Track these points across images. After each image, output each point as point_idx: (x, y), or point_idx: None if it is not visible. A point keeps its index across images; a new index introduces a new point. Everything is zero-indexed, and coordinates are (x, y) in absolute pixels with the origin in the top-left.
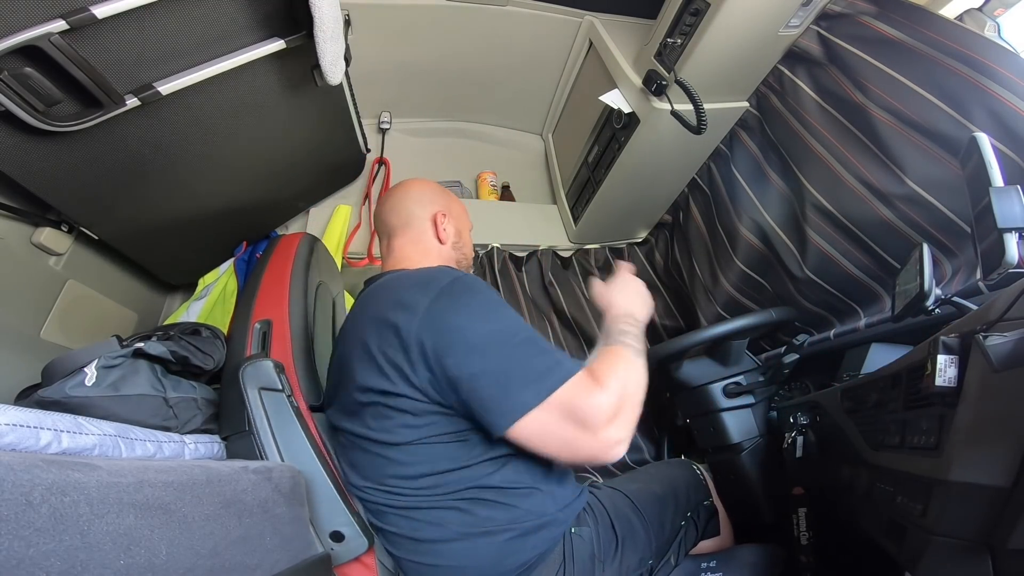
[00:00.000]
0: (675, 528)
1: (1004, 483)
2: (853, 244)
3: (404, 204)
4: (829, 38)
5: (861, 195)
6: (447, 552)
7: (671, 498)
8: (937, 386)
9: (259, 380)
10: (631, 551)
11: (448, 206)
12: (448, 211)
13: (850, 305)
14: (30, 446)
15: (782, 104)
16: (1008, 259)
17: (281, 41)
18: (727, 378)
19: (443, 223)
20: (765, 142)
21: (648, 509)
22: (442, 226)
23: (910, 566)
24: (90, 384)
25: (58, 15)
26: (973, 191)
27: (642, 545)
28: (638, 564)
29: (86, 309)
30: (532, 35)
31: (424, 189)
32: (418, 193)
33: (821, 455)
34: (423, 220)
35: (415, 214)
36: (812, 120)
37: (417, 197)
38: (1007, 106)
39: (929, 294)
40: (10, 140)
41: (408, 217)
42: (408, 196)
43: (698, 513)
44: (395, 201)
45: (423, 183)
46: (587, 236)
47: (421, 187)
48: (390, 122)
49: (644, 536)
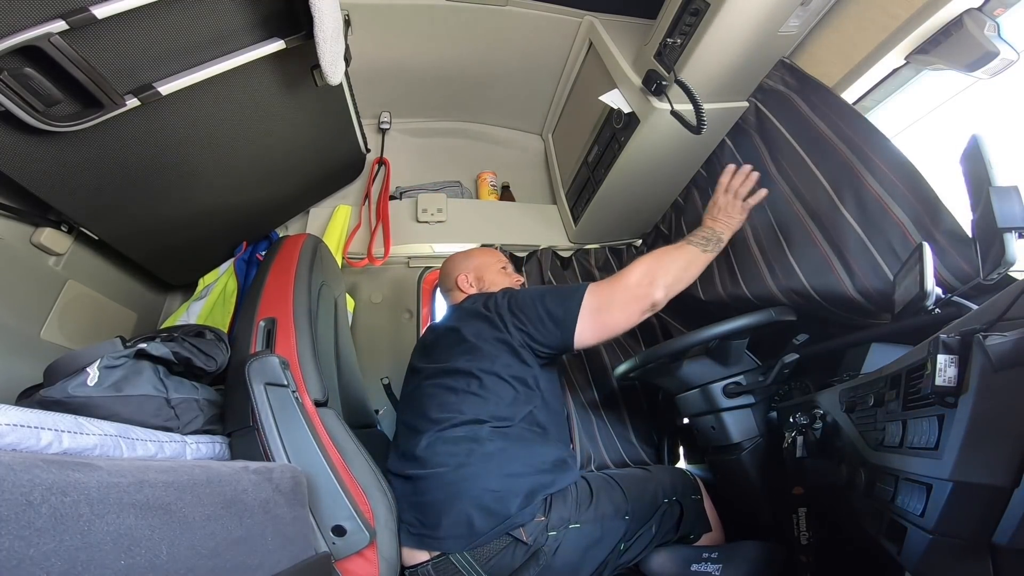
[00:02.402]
0: (655, 502)
1: (1004, 483)
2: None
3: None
4: (761, 109)
5: (755, 261)
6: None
7: (653, 480)
8: (937, 386)
9: (265, 376)
10: (606, 500)
11: (467, 267)
12: (467, 272)
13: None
14: (31, 446)
15: (718, 166)
16: (1008, 259)
17: (281, 41)
18: (727, 378)
19: (465, 283)
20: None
21: (624, 480)
22: (468, 283)
23: (910, 566)
24: (92, 384)
25: (58, 15)
26: (973, 191)
27: (617, 499)
28: (614, 513)
29: (86, 309)
30: (532, 35)
31: (447, 265)
32: (446, 267)
33: (821, 455)
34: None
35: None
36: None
37: (446, 271)
38: (871, 194)
39: (929, 294)
40: (10, 140)
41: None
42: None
43: (685, 502)
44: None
45: (451, 259)
46: (587, 236)
47: (447, 265)
48: (390, 122)
49: (620, 493)
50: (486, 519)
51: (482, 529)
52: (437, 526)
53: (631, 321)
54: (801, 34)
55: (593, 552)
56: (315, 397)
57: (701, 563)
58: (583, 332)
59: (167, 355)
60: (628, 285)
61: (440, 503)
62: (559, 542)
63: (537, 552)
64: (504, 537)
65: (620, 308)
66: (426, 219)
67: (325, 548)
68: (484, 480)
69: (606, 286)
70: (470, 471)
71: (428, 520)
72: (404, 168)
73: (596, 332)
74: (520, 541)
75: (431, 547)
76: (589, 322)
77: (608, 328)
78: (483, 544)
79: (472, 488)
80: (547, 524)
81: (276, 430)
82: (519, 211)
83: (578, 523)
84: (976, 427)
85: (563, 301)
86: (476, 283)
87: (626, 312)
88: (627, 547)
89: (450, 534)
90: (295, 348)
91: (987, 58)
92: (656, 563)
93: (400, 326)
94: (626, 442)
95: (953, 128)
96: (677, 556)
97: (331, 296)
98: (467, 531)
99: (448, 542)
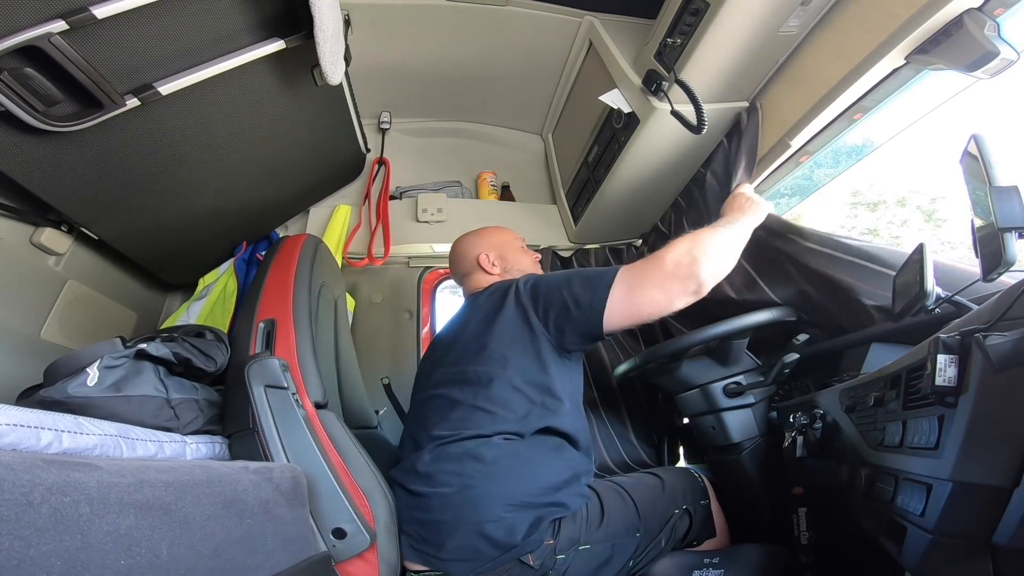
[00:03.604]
0: (667, 514)
1: (1004, 483)
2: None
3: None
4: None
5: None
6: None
7: (663, 489)
8: (937, 386)
9: (265, 378)
10: (616, 518)
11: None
12: (487, 251)
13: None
14: (31, 446)
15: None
16: (1008, 259)
17: (281, 41)
18: (727, 378)
19: (487, 263)
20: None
21: (637, 492)
22: (490, 262)
23: (910, 566)
24: (92, 384)
25: (58, 15)
26: (973, 191)
27: (629, 515)
28: (625, 531)
29: (86, 309)
30: (532, 35)
31: (463, 245)
32: (462, 248)
33: (821, 455)
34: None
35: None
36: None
37: (462, 252)
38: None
39: (930, 294)
40: (10, 140)
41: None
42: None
43: (694, 509)
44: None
45: (465, 239)
46: (587, 236)
47: (462, 246)
48: (390, 122)
49: (632, 508)
50: (492, 548)
51: (488, 556)
52: (441, 547)
53: (670, 302)
54: (801, 34)
55: (602, 573)
56: (315, 399)
57: (703, 569)
58: (613, 313)
59: (167, 355)
60: (667, 262)
61: (444, 524)
62: (567, 565)
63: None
64: (510, 563)
65: (657, 286)
66: (426, 219)
67: (325, 549)
68: (490, 507)
69: (641, 264)
70: (476, 493)
71: (431, 538)
72: (404, 168)
73: (628, 312)
74: (527, 565)
75: (435, 566)
76: (620, 301)
77: (641, 308)
78: (488, 571)
79: (477, 514)
80: (555, 547)
81: (276, 432)
82: (519, 211)
83: (588, 544)
84: (976, 427)
85: (591, 284)
86: (500, 262)
87: (664, 290)
88: (636, 564)
89: (455, 557)
90: (295, 349)
91: (987, 58)
92: (658, 570)
93: (400, 326)
94: (626, 442)
95: (953, 128)
96: (679, 562)
97: (331, 297)
98: (472, 556)
99: (452, 565)
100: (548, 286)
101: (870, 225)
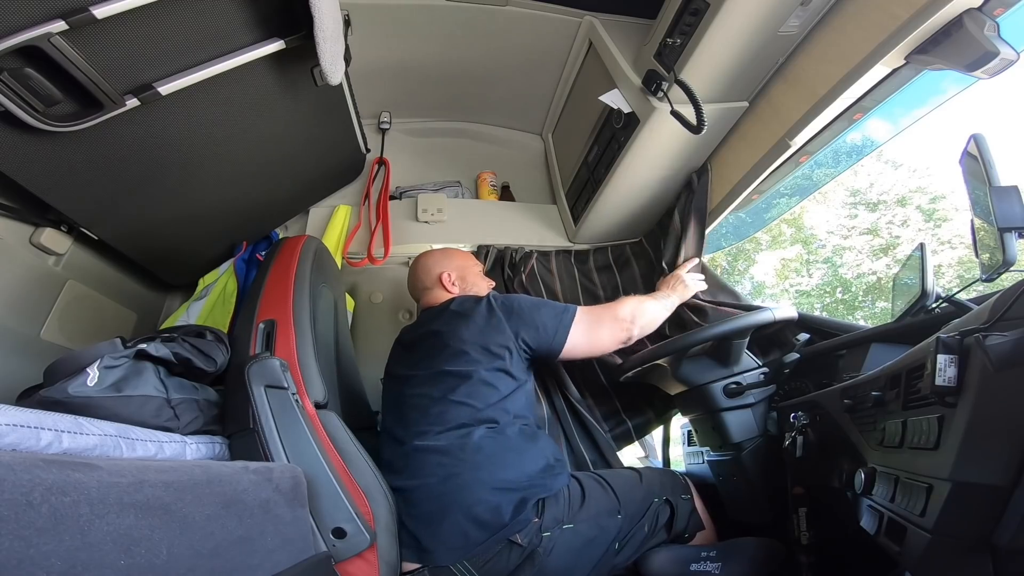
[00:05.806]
0: (646, 501)
1: (1004, 483)
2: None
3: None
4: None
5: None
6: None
7: (641, 481)
8: (937, 386)
9: (265, 378)
10: (597, 500)
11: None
12: (449, 271)
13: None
14: (30, 446)
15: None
16: (1008, 259)
17: (281, 41)
18: (727, 378)
19: (448, 281)
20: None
21: (615, 480)
22: (451, 281)
23: (910, 566)
24: (92, 384)
25: (58, 15)
26: (973, 191)
27: (609, 498)
28: (607, 512)
29: (86, 309)
30: (532, 35)
31: (425, 262)
32: (425, 264)
33: (821, 455)
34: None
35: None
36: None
37: (424, 268)
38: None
39: (929, 294)
40: (10, 140)
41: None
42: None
43: (676, 502)
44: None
45: (430, 256)
46: (587, 236)
47: (425, 262)
48: (390, 122)
49: (611, 493)
50: (480, 531)
51: (477, 540)
52: (431, 537)
53: (612, 346)
54: (801, 34)
55: (588, 552)
56: (315, 399)
57: (700, 562)
58: (574, 344)
59: (167, 356)
60: (618, 316)
61: (432, 515)
62: (553, 543)
63: (532, 553)
64: (500, 544)
65: (608, 331)
66: (426, 219)
67: (325, 549)
68: (475, 491)
69: (599, 310)
70: (462, 480)
71: (420, 532)
72: (404, 168)
73: (586, 346)
74: (515, 544)
75: (425, 561)
76: (582, 336)
77: (596, 345)
78: (479, 555)
79: (464, 499)
80: (541, 525)
81: (276, 433)
82: (519, 211)
83: (572, 523)
84: (976, 427)
85: (557, 315)
86: (459, 282)
87: (612, 336)
88: (621, 547)
89: (445, 546)
90: (295, 350)
91: (987, 58)
92: (655, 564)
93: (400, 326)
94: (605, 442)
95: (953, 128)
96: (676, 556)
97: (331, 297)
98: (462, 542)
99: (443, 554)
100: (520, 305)
101: (870, 225)
